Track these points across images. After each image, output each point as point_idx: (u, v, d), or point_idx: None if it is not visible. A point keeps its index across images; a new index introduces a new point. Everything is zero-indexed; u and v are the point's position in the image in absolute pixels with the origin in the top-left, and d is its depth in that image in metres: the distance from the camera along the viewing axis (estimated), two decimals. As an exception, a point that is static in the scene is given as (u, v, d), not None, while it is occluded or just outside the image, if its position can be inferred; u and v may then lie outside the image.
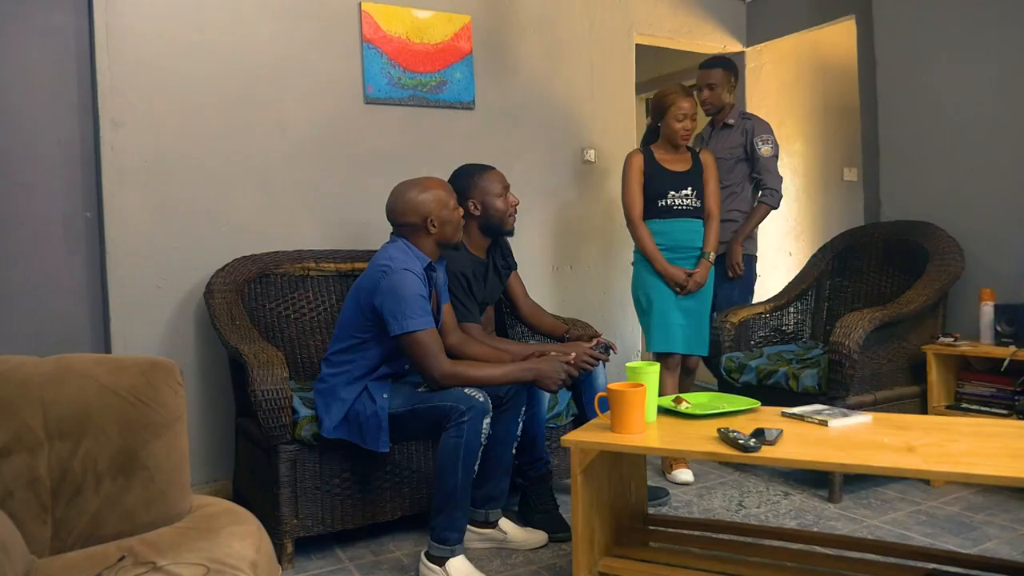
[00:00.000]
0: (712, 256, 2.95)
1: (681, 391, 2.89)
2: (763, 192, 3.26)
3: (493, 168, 2.58)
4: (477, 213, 2.51)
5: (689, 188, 2.97)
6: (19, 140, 2.59)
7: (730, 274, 3.29)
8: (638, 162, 2.98)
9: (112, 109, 2.65)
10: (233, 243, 2.82)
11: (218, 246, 2.79)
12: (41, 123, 2.62)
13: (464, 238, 2.52)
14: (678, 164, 2.99)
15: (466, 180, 2.52)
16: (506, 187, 2.55)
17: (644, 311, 3.00)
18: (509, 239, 2.70)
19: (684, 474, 2.90)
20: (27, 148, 2.60)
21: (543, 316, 2.82)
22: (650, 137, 3.09)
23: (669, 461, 2.97)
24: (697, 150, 3.04)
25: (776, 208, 3.29)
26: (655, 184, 2.95)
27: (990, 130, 3.02)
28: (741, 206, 3.30)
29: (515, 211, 2.58)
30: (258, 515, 1.54)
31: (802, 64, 4.50)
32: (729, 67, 3.33)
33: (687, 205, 2.96)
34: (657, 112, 2.98)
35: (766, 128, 3.30)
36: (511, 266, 2.73)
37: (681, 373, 3.05)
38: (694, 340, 2.97)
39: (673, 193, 2.95)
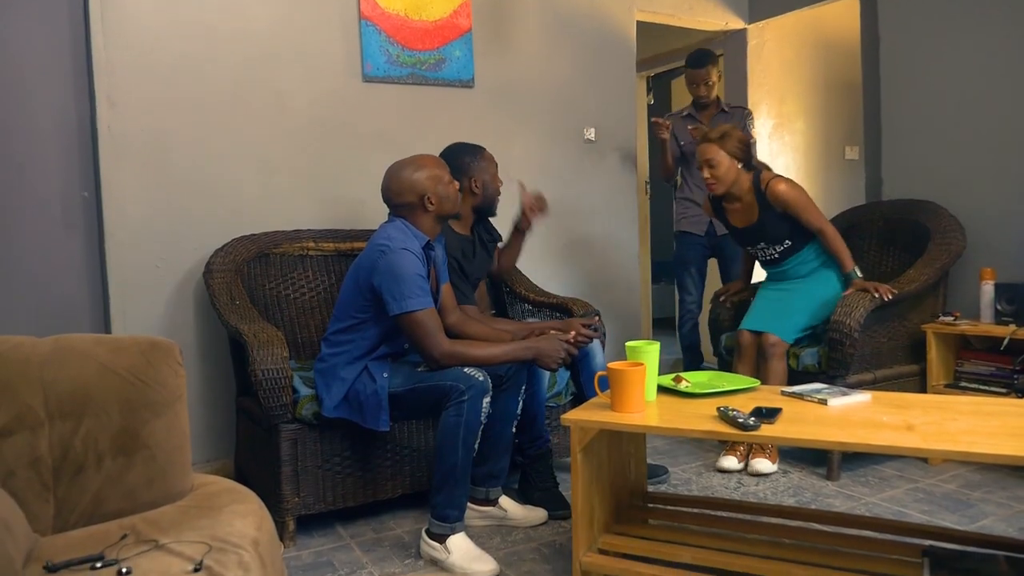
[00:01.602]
0: (858, 270, 2.75)
1: (760, 375, 2.68)
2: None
3: (485, 148, 2.59)
4: (478, 192, 2.51)
5: (761, 243, 2.83)
6: (15, 120, 2.57)
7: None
8: (707, 210, 3.03)
9: (108, 88, 2.63)
10: (232, 223, 2.81)
11: (216, 226, 2.78)
12: (37, 102, 2.60)
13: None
14: (741, 215, 2.81)
15: (468, 159, 2.51)
16: (497, 168, 2.59)
17: None
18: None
19: (761, 464, 2.71)
20: (23, 128, 2.58)
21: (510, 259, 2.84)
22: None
23: (739, 450, 2.77)
24: (763, 187, 2.71)
25: None
26: (735, 241, 3.02)
27: (993, 108, 3.00)
28: None
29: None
30: (259, 493, 1.54)
31: (804, 41, 4.45)
32: (716, 60, 3.56)
33: (768, 256, 2.86)
34: None
35: (751, 114, 3.65)
36: (496, 239, 2.74)
37: (757, 355, 2.77)
38: (764, 317, 2.77)
39: (750, 248, 2.93)
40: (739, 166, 2.73)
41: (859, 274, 2.76)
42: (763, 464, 2.71)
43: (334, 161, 3.03)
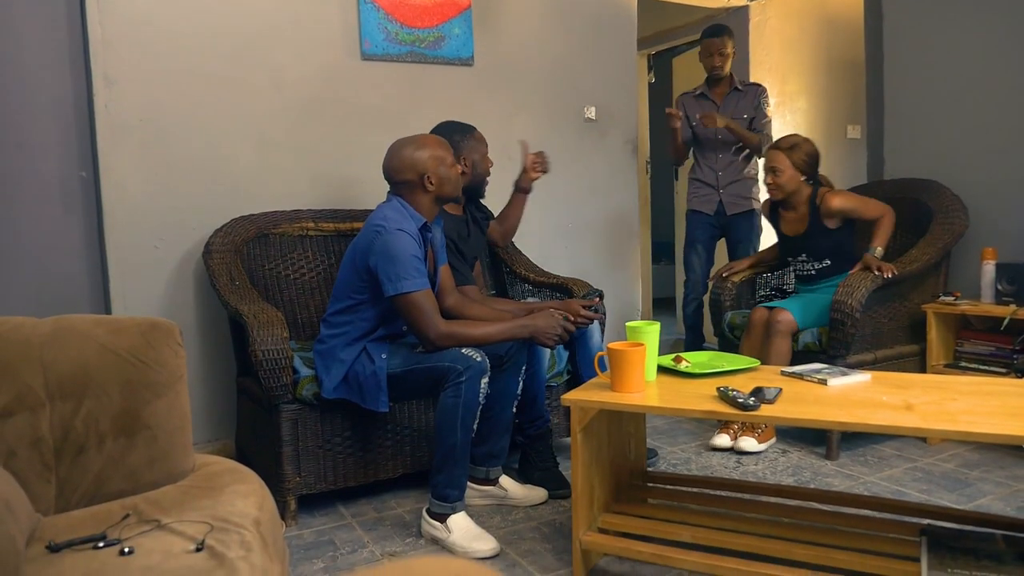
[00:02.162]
0: (879, 250, 2.73)
1: (763, 352, 2.68)
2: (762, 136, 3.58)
3: (475, 128, 2.57)
4: (467, 172, 2.49)
5: (804, 254, 2.89)
6: (11, 99, 2.54)
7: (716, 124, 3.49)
8: (764, 212, 3.07)
9: (105, 65, 2.61)
10: (230, 203, 2.79)
11: (215, 206, 2.77)
12: (32, 80, 2.57)
13: None
14: (793, 224, 2.90)
15: (457, 138, 2.49)
16: (487, 148, 2.57)
17: None
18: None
19: (746, 442, 2.75)
20: (19, 107, 2.56)
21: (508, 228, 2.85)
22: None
23: (732, 428, 2.80)
24: (818, 202, 2.80)
25: None
26: (781, 248, 3.02)
27: (997, 87, 2.97)
28: (754, 167, 3.58)
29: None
30: (261, 473, 1.55)
31: (807, 18, 4.41)
32: (732, 35, 3.54)
33: (806, 271, 2.91)
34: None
35: (766, 92, 3.59)
36: (488, 216, 2.74)
37: (762, 329, 2.77)
38: (785, 301, 2.82)
39: (790, 259, 2.96)
40: (802, 178, 2.80)
41: (877, 253, 2.75)
42: (748, 443, 2.72)
43: (333, 140, 3.01)
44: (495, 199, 2.80)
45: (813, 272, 2.88)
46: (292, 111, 2.93)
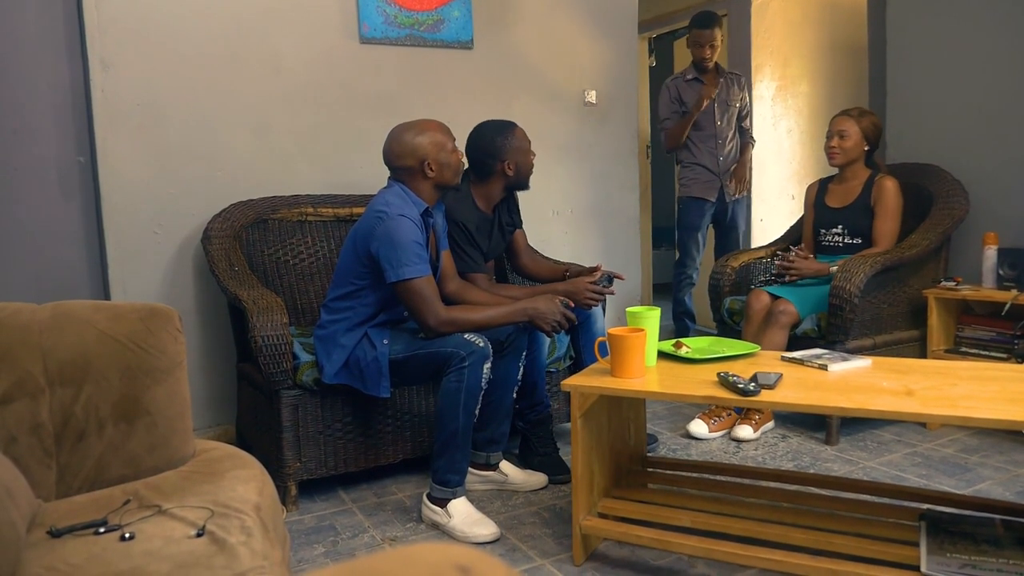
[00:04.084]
0: (833, 268, 2.70)
1: (759, 341, 2.63)
2: (747, 134, 3.77)
3: (516, 124, 2.52)
4: (511, 174, 2.45)
5: (840, 226, 2.91)
6: (6, 84, 2.53)
7: (739, 192, 3.67)
8: (810, 195, 3.06)
9: (101, 50, 2.59)
10: (229, 188, 2.78)
11: (214, 191, 2.76)
12: (28, 65, 2.55)
13: (477, 192, 2.48)
14: (840, 196, 2.93)
15: (501, 140, 2.44)
16: (530, 143, 2.52)
17: None
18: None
19: (742, 430, 2.73)
20: (15, 92, 2.54)
21: (542, 263, 2.80)
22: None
23: (754, 418, 2.77)
24: (875, 177, 2.87)
25: None
26: (814, 220, 3.01)
27: (999, 72, 2.95)
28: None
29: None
30: (261, 459, 1.55)
31: (810, 1, 4.37)
32: (721, 23, 3.66)
33: (834, 243, 2.93)
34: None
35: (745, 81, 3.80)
36: (516, 224, 2.68)
37: (763, 316, 2.74)
38: (788, 290, 2.77)
39: (823, 231, 2.97)
40: (865, 147, 2.87)
41: (832, 267, 2.75)
42: (744, 431, 2.70)
43: (331, 124, 2.99)
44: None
45: (841, 245, 2.91)
46: (290, 94, 2.91)
